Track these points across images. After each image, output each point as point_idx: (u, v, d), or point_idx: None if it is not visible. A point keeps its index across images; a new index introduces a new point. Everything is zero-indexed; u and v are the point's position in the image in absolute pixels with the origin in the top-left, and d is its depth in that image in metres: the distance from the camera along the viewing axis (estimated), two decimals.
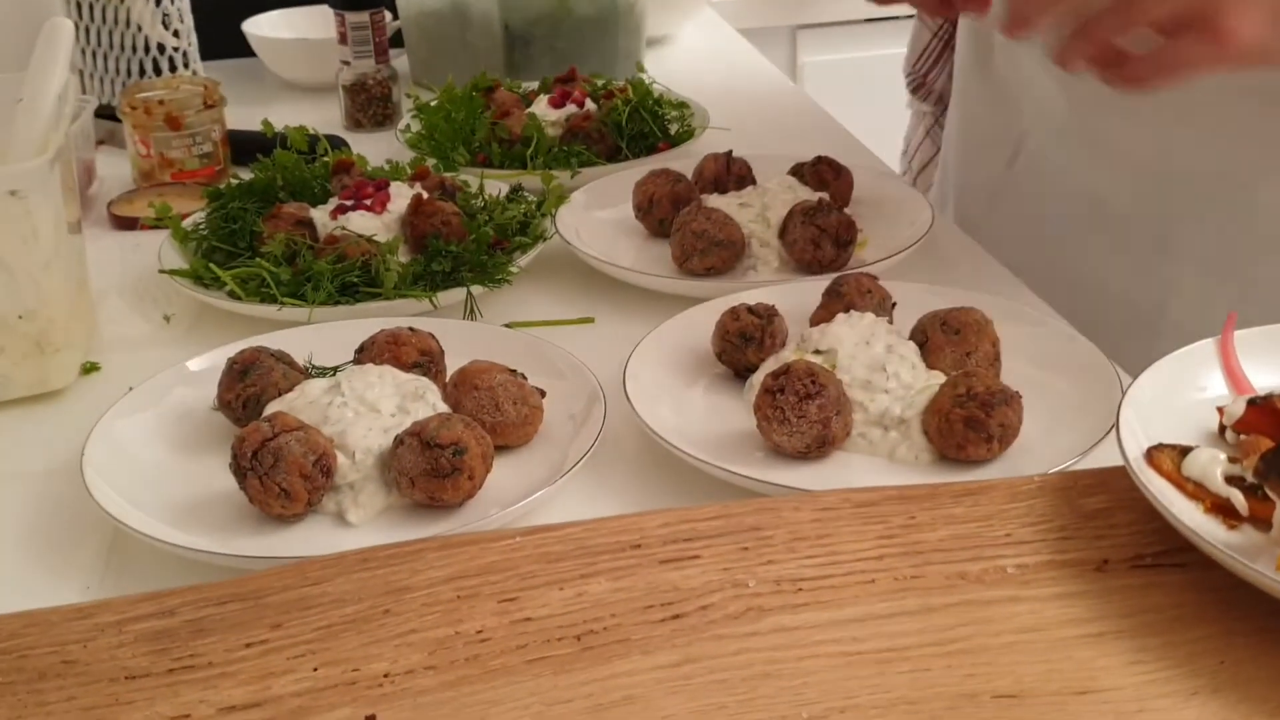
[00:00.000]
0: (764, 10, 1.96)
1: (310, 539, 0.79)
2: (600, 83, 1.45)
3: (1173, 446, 0.69)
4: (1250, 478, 0.65)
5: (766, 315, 0.93)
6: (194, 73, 1.52)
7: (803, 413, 0.82)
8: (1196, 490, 0.66)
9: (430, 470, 0.79)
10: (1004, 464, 0.83)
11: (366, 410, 0.84)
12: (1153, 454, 0.68)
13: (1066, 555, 0.66)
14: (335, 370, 0.94)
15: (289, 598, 0.65)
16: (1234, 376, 0.75)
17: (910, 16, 1.55)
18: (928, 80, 1.53)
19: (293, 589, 0.66)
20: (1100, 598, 0.63)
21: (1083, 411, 0.86)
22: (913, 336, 0.92)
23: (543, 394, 0.89)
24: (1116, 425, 0.70)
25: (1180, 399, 0.74)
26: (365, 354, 0.92)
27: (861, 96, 2.02)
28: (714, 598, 0.64)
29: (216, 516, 0.81)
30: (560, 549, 0.68)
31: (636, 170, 1.25)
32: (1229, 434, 0.72)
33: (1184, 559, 0.65)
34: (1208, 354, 0.77)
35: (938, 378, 0.89)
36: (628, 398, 0.88)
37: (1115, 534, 0.67)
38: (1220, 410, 0.72)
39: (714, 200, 1.15)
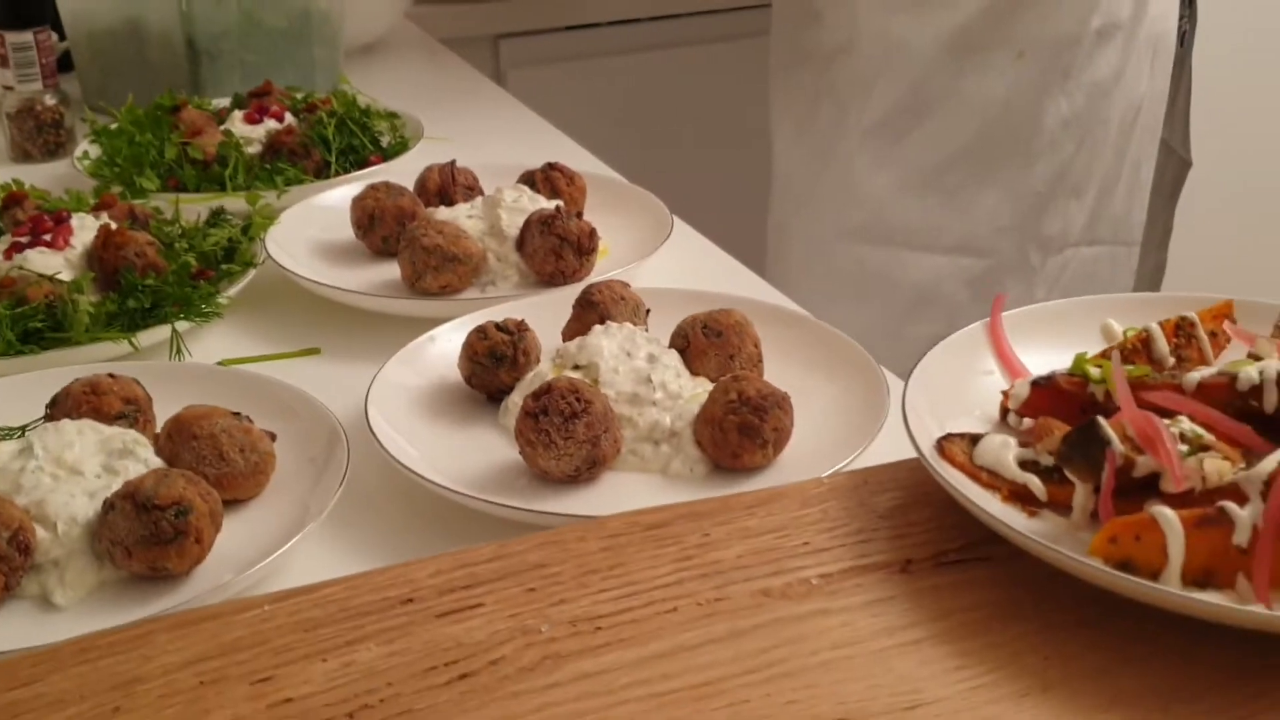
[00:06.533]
0: (464, 20, 1.89)
1: (11, 630, 0.67)
2: (300, 96, 1.35)
3: (962, 435, 0.66)
4: (1045, 461, 0.63)
5: (517, 330, 0.86)
6: None
7: (569, 433, 0.76)
8: (991, 479, 0.64)
9: (149, 537, 0.68)
10: (780, 469, 0.79)
11: (66, 474, 0.73)
12: (943, 445, 0.65)
13: (869, 559, 0.62)
14: (23, 430, 0.81)
15: None
16: (1006, 359, 0.73)
17: None
18: None
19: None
20: (910, 601, 0.59)
21: (849, 407, 0.84)
22: (673, 343, 0.88)
23: (273, 437, 0.79)
24: (905, 418, 0.67)
25: (958, 386, 0.72)
26: (59, 408, 0.79)
27: (570, 105, 1.98)
28: (504, 650, 0.56)
29: None
30: (319, 614, 0.59)
31: (351, 187, 1.17)
32: (1012, 418, 0.70)
33: (988, 552, 0.62)
34: (978, 338, 0.75)
35: (704, 384, 0.85)
36: (373, 432, 0.79)
37: (914, 532, 0.64)
38: (1005, 394, 0.70)
39: (442, 213, 1.08)
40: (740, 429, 0.78)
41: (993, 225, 1.53)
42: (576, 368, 0.84)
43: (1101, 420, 0.59)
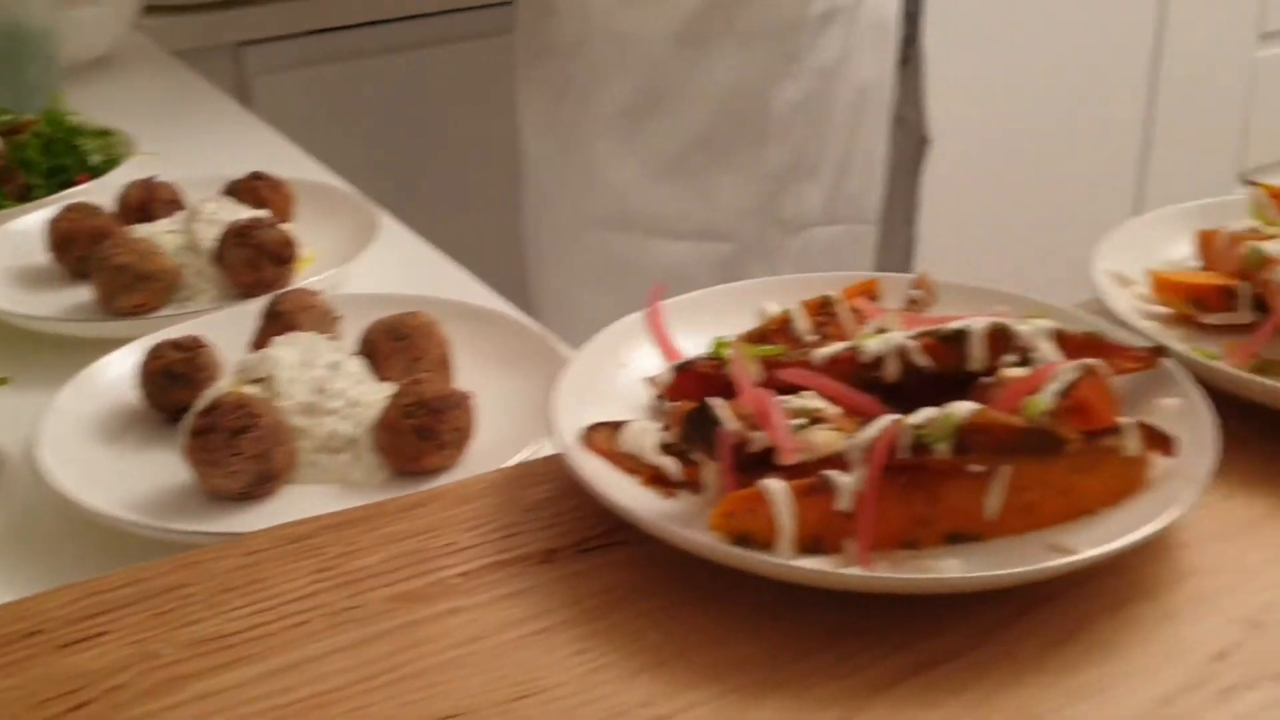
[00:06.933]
0: (201, 29, 1.84)
1: None
2: (6, 118, 1.30)
3: (609, 424, 0.67)
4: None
5: (192, 348, 0.85)
6: None
7: (237, 449, 0.75)
8: (633, 464, 0.65)
9: None
10: (466, 469, 0.80)
11: None
12: (589, 434, 0.67)
13: (511, 553, 0.63)
14: None
15: None
16: (665, 347, 0.75)
17: None
18: None
19: None
20: (545, 591, 0.60)
21: (539, 401, 0.84)
22: (362, 350, 0.87)
23: None
24: (548, 410, 0.68)
25: (615, 376, 0.73)
26: None
27: (320, 110, 1.96)
28: (124, 676, 0.56)
29: None
30: None
31: (52, 209, 1.13)
32: (663, 403, 0.71)
33: (627, 535, 0.64)
34: (636, 328, 0.76)
35: (391, 390, 0.84)
36: (34, 460, 0.77)
37: (561, 522, 0.65)
38: (652, 381, 0.71)
39: (140, 230, 1.05)
40: (417, 432, 0.78)
41: (734, 209, 1.57)
42: (257, 381, 0.83)
43: (711, 401, 0.61)
